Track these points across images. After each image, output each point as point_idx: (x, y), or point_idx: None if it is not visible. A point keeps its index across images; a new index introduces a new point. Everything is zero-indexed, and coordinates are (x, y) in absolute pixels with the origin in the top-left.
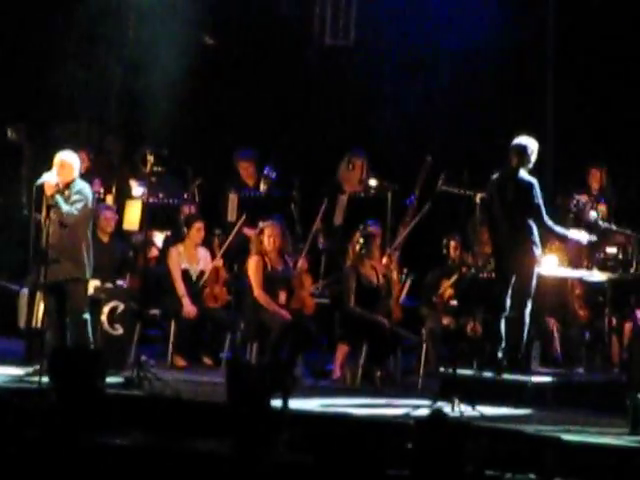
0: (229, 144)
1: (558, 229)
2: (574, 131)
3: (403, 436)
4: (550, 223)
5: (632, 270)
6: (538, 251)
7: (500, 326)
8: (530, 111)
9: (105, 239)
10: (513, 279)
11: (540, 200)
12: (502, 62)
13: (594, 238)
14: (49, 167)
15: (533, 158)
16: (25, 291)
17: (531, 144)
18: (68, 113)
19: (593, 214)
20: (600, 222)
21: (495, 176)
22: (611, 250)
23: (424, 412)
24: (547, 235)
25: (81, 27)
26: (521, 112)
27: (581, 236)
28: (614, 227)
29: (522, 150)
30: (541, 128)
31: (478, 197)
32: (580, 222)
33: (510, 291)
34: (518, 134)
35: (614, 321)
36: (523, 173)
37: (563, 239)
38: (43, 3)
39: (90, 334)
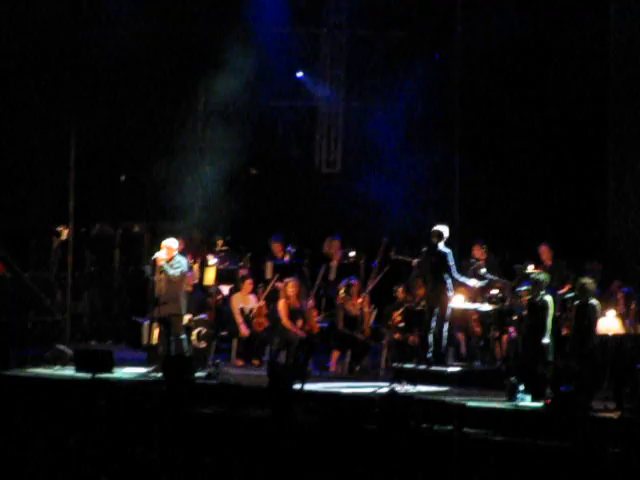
0: (266, 232)
1: (462, 279)
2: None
3: (372, 405)
4: (457, 276)
5: (506, 303)
6: (451, 294)
7: (428, 338)
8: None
9: (191, 290)
10: (436, 310)
11: (452, 262)
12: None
13: (481, 284)
14: (159, 248)
15: (446, 236)
16: (146, 322)
17: (444, 229)
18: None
19: (483, 270)
20: (487, 275)
21: (424, 249)
22: (494, 291)
23: (385, 390)
24: (456, 283)
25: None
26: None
27: (473, 282)
28: (495, 278)
29: (439, 233)
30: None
31: (414, 261)
32: (475, 274)
33: (435, 317)
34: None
35: (497, 334)
36: (441, 246)
37: (465, 284)
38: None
39: (185, 347)
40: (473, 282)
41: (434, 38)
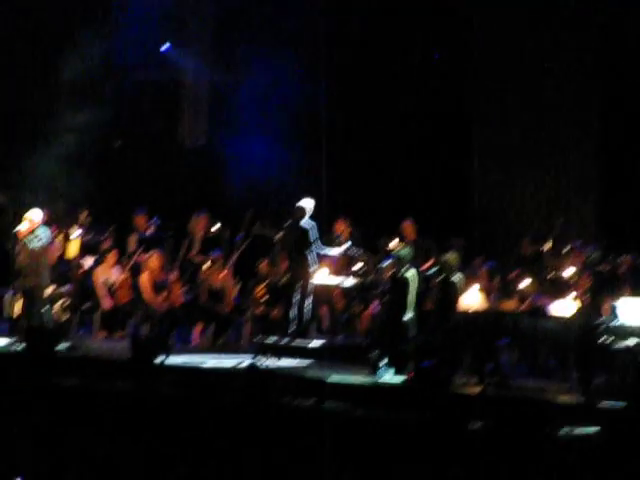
0: (131, 205)
1: (325, 250)
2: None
3: (234, 379)
4: (320, 249)
5: (370, 278)
6: (314, 268)
7: (290, 313)
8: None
9: (54, 262)
10: (298, 285)
11: (314, 238)
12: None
13: (341, 250)
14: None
15: (309, 212)
16: (8, 294)
17: (307, 204)
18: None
19: (347, 244)
20: (350, 249)
21: (287, 224)
22: (357, 266)
23: (246, 364)
24: (320, 257)
25: None
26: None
27: (335, 251)
28: (359, 252)
29: (299, 209)
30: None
31: (277, 236)
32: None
33: (297, 291)
34: (301, 197)
35: (360, 308)
36: (303, 222)
37: (328, 255)
38: None
39: (48, 319)
40: (335, 251)
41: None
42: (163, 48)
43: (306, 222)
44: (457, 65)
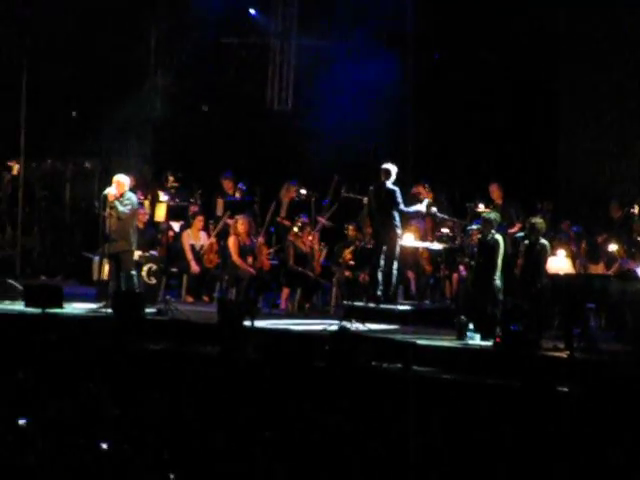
0: (218, 169)
1: (411, 209)
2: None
3: (323, 342)
4: (405, 209)
5: (456, 242)
6: (399, 231)
7: (378, 276)
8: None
9: (142, 227)
10: (385, 248)
11: (400, 199)
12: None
13: (423, 207)
14: (110, 184)
15: (394, 175)
16: (97, 258)
17: (392, 167)
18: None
19: (433, 209)
20: (437, 214)
21: (372, 187)
22: (444, 230)
23: (334, 328)
24: (406, 221)
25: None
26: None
27: (420, 207)
28: (445, 216)
29: (386, 171)
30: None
31: (365, 200)
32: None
33: (383, 255)
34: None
35: (447, 272)
36: (389, 184)
37: (414, 214)
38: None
39: (135, 283)
40: (420, 207)
41: None
42: (251, 12)
43: (391, 184)
44: (545, 33)
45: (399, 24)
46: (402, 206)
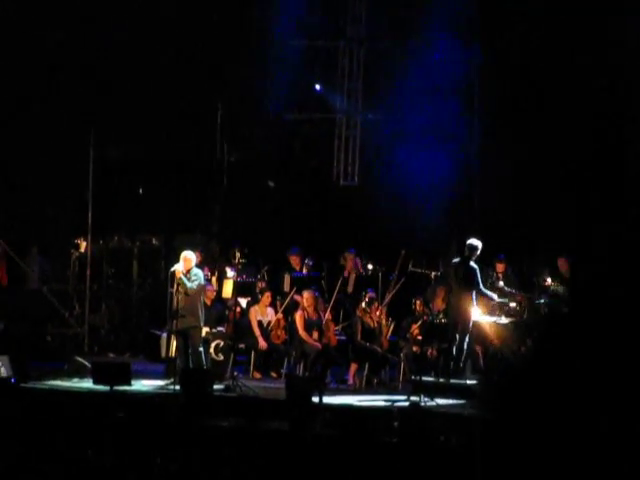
0: (284, 245)
1: (488, 293)
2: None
3: (392, 418)
4: (484, 291)
5: (525, 316)
6: (474, 308)
7: (452, 351)
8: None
9: (210, 303)
10: (460, 323)
11: (479, 278)
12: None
13: (501, 300)
14: (177, 260)
15: (478, 252)
16: (164, 334)
17: (478, 243)
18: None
19: (500, 283)
20: (505, 288)
21: (455, 260)
22: (512, 304)
23: (403, 403)
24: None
25: None
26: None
27: (495, 297)
28: (513, 291)
29: (472, 247)
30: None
31: (432, 274)
32: (493, 287)
33: (458, 330)
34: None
35: (516, 347)
36: (471, 262)
37: (489, 298)
38: None
39: (203, 360)
40: (495, 296)
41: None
42: (316, 88)
43: (473, 262)
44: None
45: (465, 101)
46: (481, 287)
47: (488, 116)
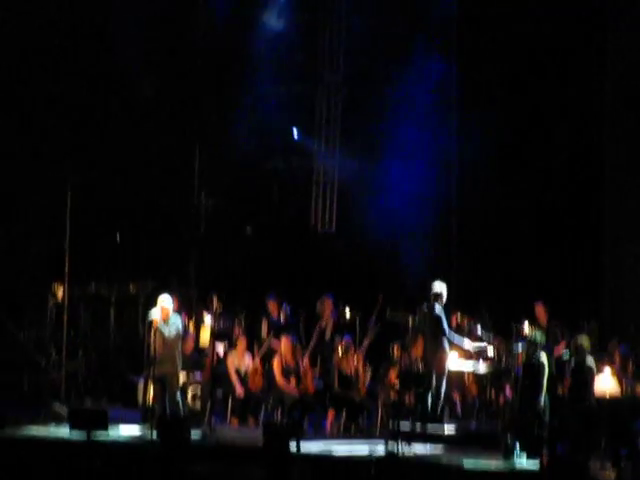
0: (262, 290)
1: (457, 340)
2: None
3: (369, 466)
4: (452, 337)
5: (502, 363)
6: (447, 354)
7: (428, 397)
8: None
9: (188, 353)
10: (434, 370)
11: (445, 325)
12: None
13: (476, 346)
14: (154, 306)
15: (444, 298)
16: (141, 381)
17: (440, 289)
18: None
19: (478, 327)
20: (483, 334)
21: (422, 307)
22: (489, 351)
23: (381, 451)
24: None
25: None
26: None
27: (468, 345)
28: (490, 337)
29: (436, 294)
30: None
31: (410, 320)
32: (471, 333)
33: (432, 377)
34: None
35: (493, 394)
36: (437, 310)
37: (459, 345)
38: None
39: (181, 407)
40: (468, 344)
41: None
42: (293, 135)
43: (439, 309)
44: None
45: (442, 148)
46: (448, 334)
47: (468, 161)
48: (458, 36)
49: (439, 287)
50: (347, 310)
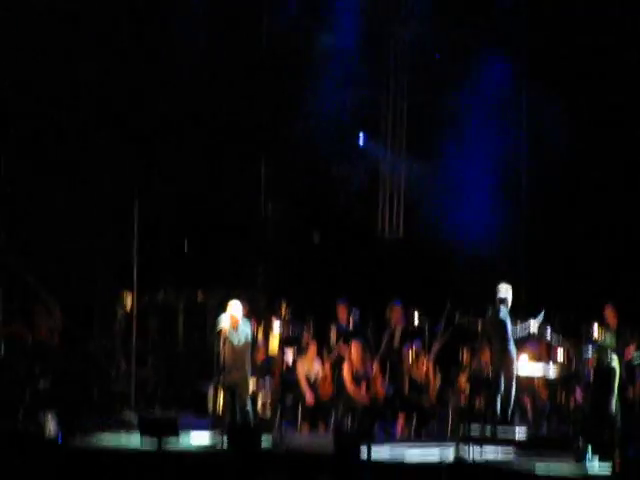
0: (330, 297)
1: (517, 335)
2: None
3: (439, 472)
4: (510, 348)
5: (572, 367)
6: (514, 357)
7: (497, 401)
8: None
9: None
10: (502, 374)
11: (508, 334)
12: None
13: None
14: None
15: (509, 303)
16: (211, 389)
17: (504, 294)
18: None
19: (548, 331)
20: (553, 337)
21: (489, 313)
22: (559, 354)
23: (451, 456)
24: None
25: None
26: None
27: (525, 328)
28: (560, 340)
29: (500, 299)
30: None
31: (480, 324)
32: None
33: (501, 381)
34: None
35: (564, 398)
36: (501, 314)
37: (521, 336)
38: None
39: (251, 415)
40: (525, 328)
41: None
42: (359, 140)
43: (504, 313)
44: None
45: (509, 152)
46: (510, 343)
47: (537, 163)
48: (525, 38)
49: (504, 291)
50: (416, 315)
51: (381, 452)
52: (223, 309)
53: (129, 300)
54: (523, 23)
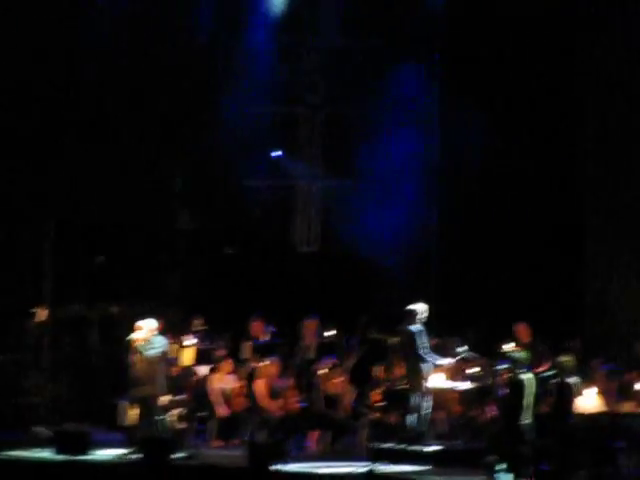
0: (244, 312)
1: (430, 359)
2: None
3: None
4: (425, 355)
5: (486, 382)
6: (421, 374)
7: (408, 418)
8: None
9: (174, 374)
10: (415, 389)
11: (419, 341)
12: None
13: (453, 361)
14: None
15: (419, 315)
16: (124, 402)
17: (417, 307)
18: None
19: (464, 347)
20: (467, 353)
21: (399, 327)
22: (474, 370)
23: (364, 470)
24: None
25: None
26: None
27: (445, 361)
28: (475, 356)
29: (409, 312)
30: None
31: (393, 340)
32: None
33: (414, 396)
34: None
35: (477, 413)
36: (410, 327)
37: (432, 362)
38: None
39: (164, 428)
40: (445, 361)
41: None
42: (274, 154)
43: (414, 326)
44: (571, 168)
45: (425, 161)
46: (420, 352)
47: (451, 179)
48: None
49: (411, 306)
50: (331, 330)
51: (294, 466)
52: (135, 322)
53: (42, 313)
54: (437, 28)
